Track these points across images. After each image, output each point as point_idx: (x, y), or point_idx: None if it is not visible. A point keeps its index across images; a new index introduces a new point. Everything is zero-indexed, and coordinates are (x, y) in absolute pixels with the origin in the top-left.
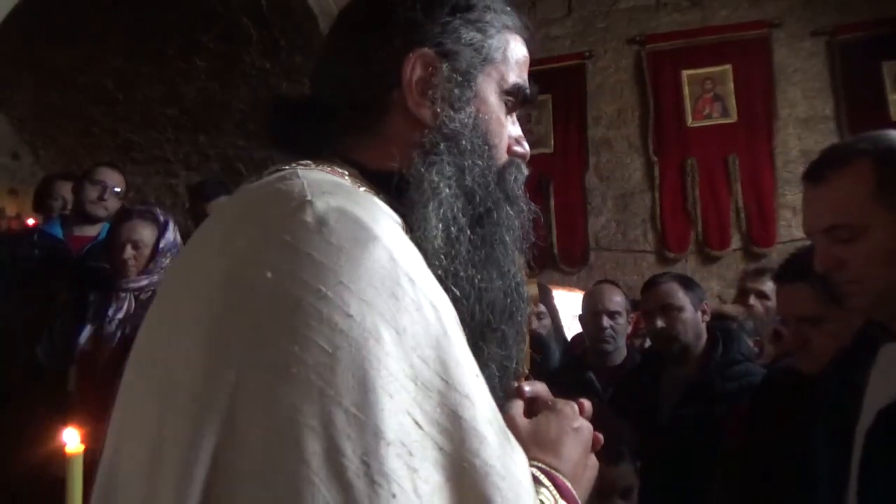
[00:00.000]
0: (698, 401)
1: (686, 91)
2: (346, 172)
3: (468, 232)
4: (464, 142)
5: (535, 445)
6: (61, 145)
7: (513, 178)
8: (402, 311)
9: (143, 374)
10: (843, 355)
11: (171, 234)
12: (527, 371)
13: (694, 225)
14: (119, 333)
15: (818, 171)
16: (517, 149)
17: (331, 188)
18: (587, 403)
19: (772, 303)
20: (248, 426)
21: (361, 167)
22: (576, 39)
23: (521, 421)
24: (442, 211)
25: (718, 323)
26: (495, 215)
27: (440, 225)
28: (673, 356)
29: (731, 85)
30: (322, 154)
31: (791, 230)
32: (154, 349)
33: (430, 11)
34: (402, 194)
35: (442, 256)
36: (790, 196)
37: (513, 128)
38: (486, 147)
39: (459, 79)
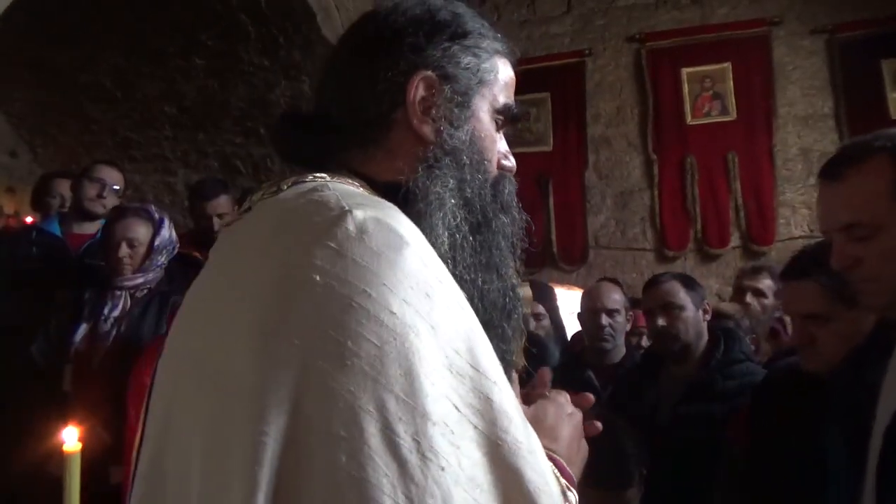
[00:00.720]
0: (699, 399)
1: (685, 89)
2: (358, 184)
3: (470, 238)
4: (464, 157)
5: (537, 430)
6: (60, 143)
7: (506, 190)
8: (435, 309)
9: (188, 373)
10: (856, 354)
11: (167, 232)
12: (523, 363)
13: (693, 223)
14: (114, 332)
15: (835, 169)
16: (506, 163)
17: (362, 199)
18: (589, 396)
19: (769, 301)
20: (313, 412)
21: (369, 179)
22: (575, 37)
23: (523, 408)
24: (447, 220)
25: (716, 322)
26: (492, 223)
27: (446, 233)
28: (674, 355)
29: (731, 83)
30: (329, 167)
31: (790, 228)
32: (198, 348)
33: (431, 37)
34: (408, 205)
35: (448, 261)
36: (789, 194)
37: (501, 143)
38: (483, 162)
39: (459, 99)
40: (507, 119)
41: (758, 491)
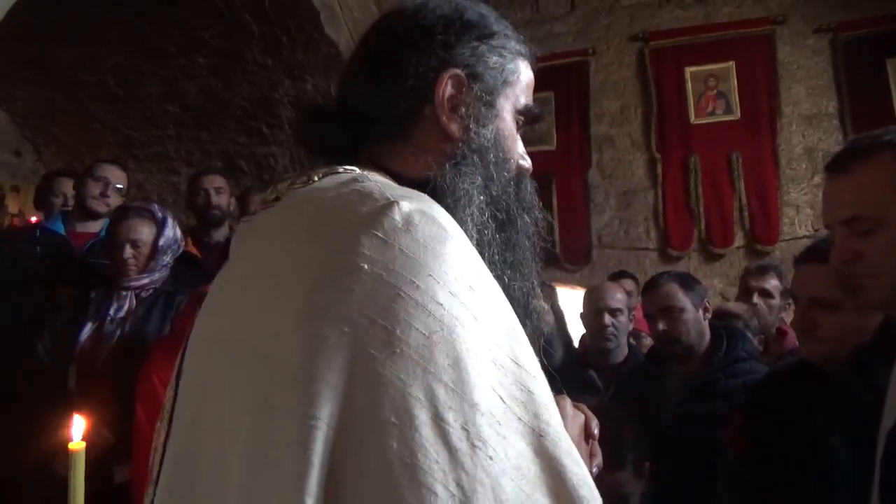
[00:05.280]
0: (702, 398)
1: (689, 88)
2: (385, 178)
3: (497, 236)
4: (490, 155)
5: None
6: (63, 142)
7: (528, 189)
8: (478, 302)
9: (221, 365)
10: (861, 354)
11: (171, 231)
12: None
13: (697, 222)
14: (118, 332)
15: (842, 162)
16: (523, 163)
17: (403, 192)
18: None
19: (775, 301)
20: (363, 398)
21: (395, 175)
22: (578, 36)
23: None
24: (475, 216)
25: (722, 321)
26: (516, 222)
27: (475, 229)
28: (677, 357)
29: (735, 82)
30: (356, 161)
31: (794, 228)
32: (231, 338)
33: (460, 36)
34: (436, 200)
35: None
36: (793, 193)
37: (520, 143)
38: (507, 161)
39: (487, 98)
40: (527, 119)
41: (758, 494)
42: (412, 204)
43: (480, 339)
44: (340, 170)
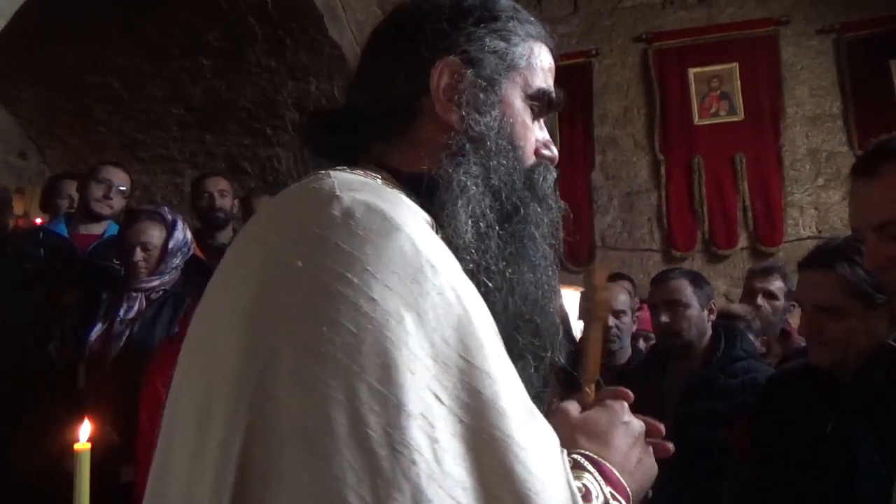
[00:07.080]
0: (700, 397)
1: (693, 89)
2: (380, 176)
3: (497, 228)
4: (489, 143)
5: (584, 436)
6: (68, 144)
7: (541, 178)
8: (423, 295)
9: (194, 361)
10: (887, 352)
11: (181, 234)
12: (594, 370)
13: (700, 224)
14: (127, 333)
15: (870, 165)
16: (545, 152)
17: (359, 186)
18: (660, 426)
19: (779, 302)
20: (285, 399)
21: (395, 171)
22: (581, 38)
23: (573, 413)
24: (470, 208)
25: (724, 322)
26: (523, 212)
27: (469, 221)
28: (676, 352)
29: (738, 83)
30: (359, 161)
31: (798, 229)
32: (204, 335)
33: (455, 23)
34: (433, 194)
35: (472, 251)
36: (797, 195)
37: (540, 132)
38: (511, 148)
39: (483, 84)
40: (544, 105)
41: (763, 494)
42: (357, 196)
43: (420, 336)
44: (323, 172)
